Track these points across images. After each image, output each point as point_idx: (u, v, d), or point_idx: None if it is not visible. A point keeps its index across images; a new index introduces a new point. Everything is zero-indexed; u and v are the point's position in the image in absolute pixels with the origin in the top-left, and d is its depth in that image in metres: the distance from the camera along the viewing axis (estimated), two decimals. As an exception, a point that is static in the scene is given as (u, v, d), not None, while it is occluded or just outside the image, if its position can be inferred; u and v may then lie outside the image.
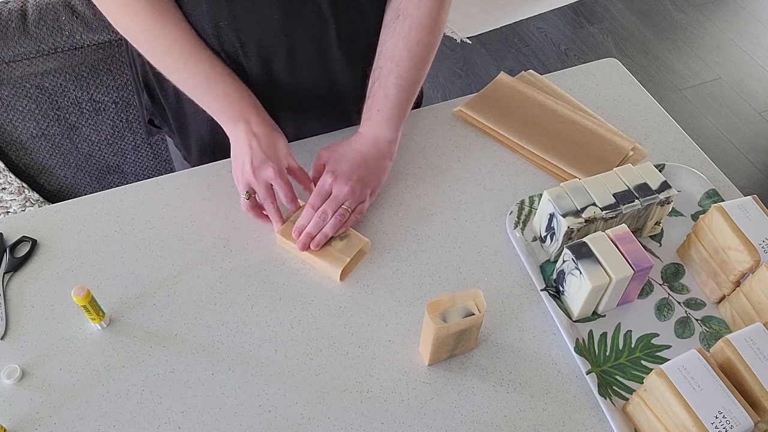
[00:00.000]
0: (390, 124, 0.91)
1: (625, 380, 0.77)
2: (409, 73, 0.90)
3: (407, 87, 0.90)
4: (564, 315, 0.81)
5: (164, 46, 0.85)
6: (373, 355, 0.79)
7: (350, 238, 0.87)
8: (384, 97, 0.90)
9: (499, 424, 0.74)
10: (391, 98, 0.90)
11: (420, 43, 0.89)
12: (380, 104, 0.91)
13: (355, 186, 0.87)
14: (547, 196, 0.84)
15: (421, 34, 0.89)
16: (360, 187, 0.88)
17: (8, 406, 0.74)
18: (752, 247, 0.77)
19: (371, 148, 0.91)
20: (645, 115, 1.06)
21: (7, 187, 1.36)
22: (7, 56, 1.21)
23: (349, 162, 0.89)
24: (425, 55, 0.91)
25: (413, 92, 0.92)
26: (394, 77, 0.89)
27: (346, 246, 0.86)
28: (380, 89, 0.90)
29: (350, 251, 0.85)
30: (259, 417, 0.74)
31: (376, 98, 0.91)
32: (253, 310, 0.82)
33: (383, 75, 0.90)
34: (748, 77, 2.51)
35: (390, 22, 0.90)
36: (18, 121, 1.30)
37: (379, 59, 0.91)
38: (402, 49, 0.89)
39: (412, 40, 0.88)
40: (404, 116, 0.93)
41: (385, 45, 0.91)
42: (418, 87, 0.93)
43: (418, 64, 0.90)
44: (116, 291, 0.83)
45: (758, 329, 0.70)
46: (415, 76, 0.91)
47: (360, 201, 0.88)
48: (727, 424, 0.64)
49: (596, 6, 2.80)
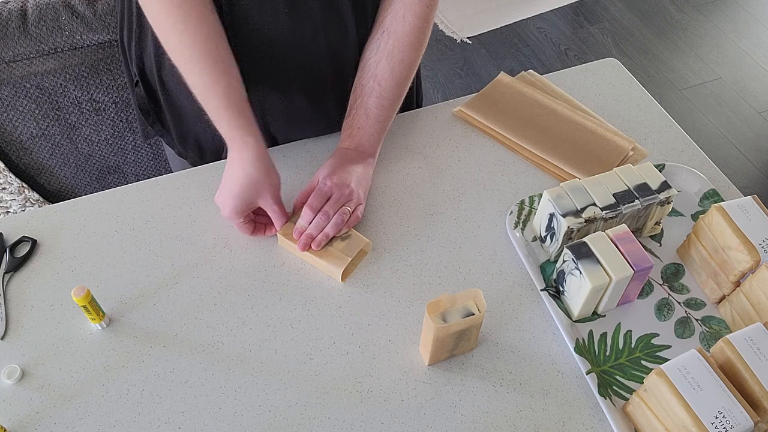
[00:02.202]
0: (371, 141, 0.93)
1: (625, 380, 0.77)
2: (390, 92, 0.92)
3: (388, 106, 0.92)
4: (564, 315, 0.81)
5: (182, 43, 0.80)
6: (373, 355, 0.79)
7: (351, 238, 0.87)
8: (365, 116, 0.92)
9: (499, 424, 0.74)
10: (372, 117, 0.92)
11: (402, 62, 0.90)
12: (361, 122, 0.93)
13: (354, 189, 0.88)
14: (547, 196, 0.84)
15: (404, 53, 0.90)
16: (357, 191, 0.89)
17: (8, 406, 0.74)
18: (752, 247, 0.77)
19: (356, 157, 0.92)
20: (645, 115, 1.06)
21: (7, 187, 1.36)
22: (7, 56, 1.21)
23: (343, 169, 0.90)
24: (407, 75, 0.92)
25: (394, 109, 0.94)
26: (375, 96, 0.91)
27: (348, 246, 0.86)
28: (361, 107, 0.92)
29: (351, 251, 0.85)
30: (259, 417, 0.74)
31: (357, 116, 0.93)
32: (253, 310, 0.82)
33: (365, 93, 0.92)
34: (748, 77, 2.51)
35: (374, 38, 0.91)
36: (18, 121, 1.30)
37: (361, 76, 0.93)
38: (384, 68, 0.90)
39: (395, 59, 0.90)
40: (384, 132, 0.95)
41: (368, 62, 0.92)
42: (400, 102, 0.95)
43: (400, 82, 0.92)
44: (116, 291, 0.83)
45: (758, 329, 0.70)
46: (396, 94, 0.93)
47: (357, 203, 0.89)
48: (727, 424, 0.64)
49: (596, 6, 2.80)
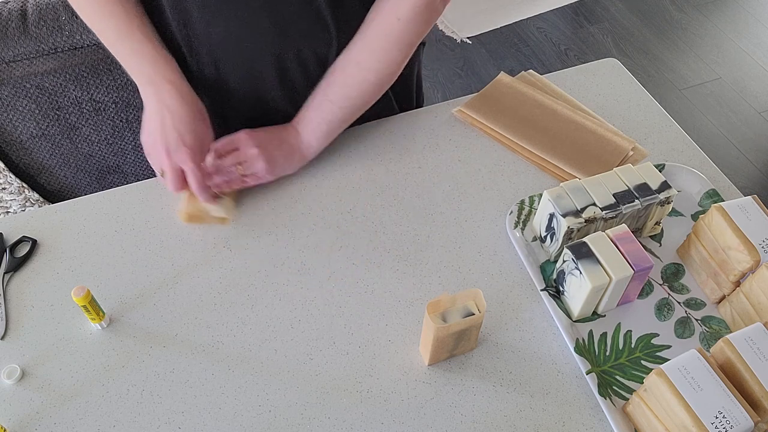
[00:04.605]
0: (307, 124, 0.92)
1: (625, 380, 0.77)
2: (337, 88, 0.90)
3: (335, 100, 0.90)
4: (564, 315, 0.81)
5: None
6: (373, 355, 0.79)
7: (223, 201, 0.89)
8: (312, 97, 0.91)
9: (499, 424, 0.74)
10: (315, 101, 0.91)
11: (359, 64, 0.88)
12: (308, 102, 0.92)
13: (262, 154, 0.89)
14: (547, 196, 0.84)
15: (362, 55, 0.88)
16: (265, 159, 0.89)
17: (8, 406, 0.74)
18: (752, 247, 0.77)
19: (293, 139, 0.92)
20: (645, 115, 1.06)
21: (7, 187, 1.36)
22: (7, 56, 1.21)
23: (268, 134, 0.91)
24: (360, 78, 0.89)
25: (341, 108, 0.91)
26: (324, 84, 0.90)
27: (214, 206, 0.88)
28: (319, 89, 0.91)
29: (211, 211, 0.88)
30: (259, 417, 0.74)
31: (312, 96, 0.92)
32: (253, 310, 0.82)
33: (325, 77, 0.91)
34: (748, 77, 2.51)
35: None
36: (18, 121, 1.30)
37: (330, 75, 0.91)
38: (340, 60, 0.89)
39: (351, 58, 0.88)
40: (324, 122, 0.93)
41: (337, 64, 0.90)
42: (351, 103, 0.91)
43: (349, 83, 0.90)
44: (116, 291, 0.83)
45: (758, 329, 0.70)
46: (342, 96, 0.90)
47: (258, 172, 0.89)
48: (727, 424, 0.64)
49: (596, 6, 2.80)
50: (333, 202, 0.93)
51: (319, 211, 0.92)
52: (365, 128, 1.02)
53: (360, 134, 1.02)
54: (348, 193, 0.94)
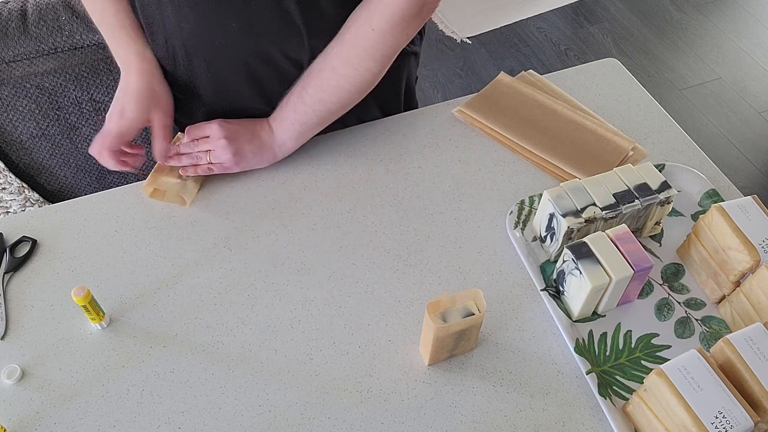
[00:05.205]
0: (281, 122, 0.92)
1: (625, 380, 0.77)
2: (313, 91, 0.89)
3: (311, 102, 0.90)
4: (564, 315, 0.81)
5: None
6: (373, 355, 0.79)
7: (186, 185, 0.91)
8: (288, 96, 0.92)
9: (499, 424, 0.74)
10: (291, 101, 0.91)
11: (334, 70, 0.87)
12: (284, 101, 0.92)
13: (231, 145, 0.90)
14: (547, 196, 0.84)
15: (337, 60, 0.87)
16: (233, 151, 0.91)
17: (8, 406, 0.74)
18: (752, 247, 0.77)
19: (266, 135, 0.93)
20: (645, 115, 1.06)
21: (7, 187, 1.36)
22: (7, 56, 1.21)
23: (241, 126, 0.92)
24: (335, 84, 0.89)
25: (314, 110, 0.91)
26: (300, 86, 0.90)
27: (180, 186, 0.91)
28: (295, 89, 0.91)
29: (176, 190, 0.91)
30: (259, 417, 0.74)
31: (289, 107, 0.92)
32: (253, 310, 0.82)
33: (304, 93, 0.90)
34: (748, 77, 2.51)
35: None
36: (18, 121, 1.30)
37: (306, 77, 0.90)
38: (316, 63, 0.89)
39: (328, 63, 0.88)
40: (309, 134, 0.94)
41: (314, 67, 0.89)
42: (325, 106, 0.91)
43: (322, 86, 0.89)
44: (116, 291, 0.83)
45: (758, 329, 0.70)
46: (317, 99, 0.90)
47: (225, 162, 0.91)
48: (727, 424, 0.64)
49: (596, 6, 2.80)
50: (333, 202, 0.93)
51: (319, 211, 0.92)
52: (365, 128, 1.02)
53: (360, 134, 1.02)
54: (348, 193, 0.95)
